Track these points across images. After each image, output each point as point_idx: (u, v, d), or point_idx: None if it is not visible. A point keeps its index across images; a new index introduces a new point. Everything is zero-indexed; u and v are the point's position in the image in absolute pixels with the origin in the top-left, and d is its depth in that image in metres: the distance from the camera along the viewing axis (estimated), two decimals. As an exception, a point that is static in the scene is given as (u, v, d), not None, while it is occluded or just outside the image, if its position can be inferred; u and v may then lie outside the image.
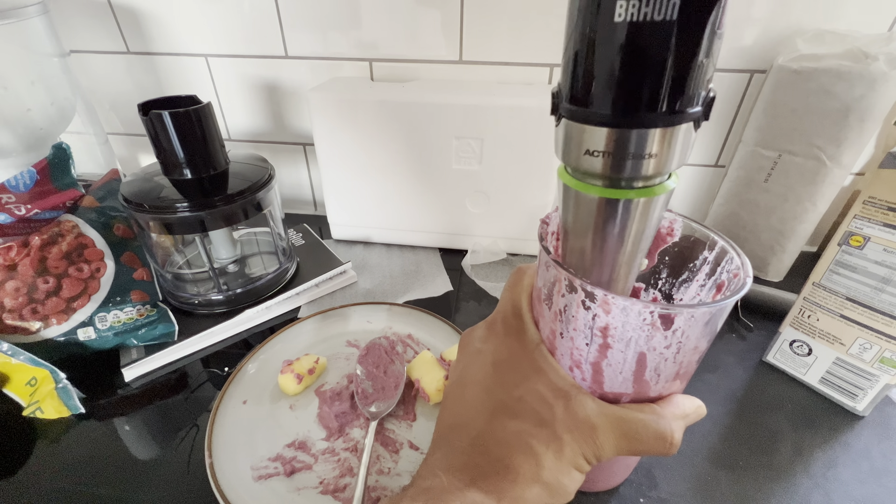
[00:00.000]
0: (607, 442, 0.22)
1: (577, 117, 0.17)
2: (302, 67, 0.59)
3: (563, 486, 0.22)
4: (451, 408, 0.26)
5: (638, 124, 0.16)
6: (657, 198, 0.19)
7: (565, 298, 0.22)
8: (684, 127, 0.17)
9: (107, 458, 0.34)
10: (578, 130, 0.17)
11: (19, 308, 0.39)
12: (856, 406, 0.37)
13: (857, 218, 0.33)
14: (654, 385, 0.23)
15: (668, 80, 0.15)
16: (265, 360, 0.41)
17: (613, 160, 0.17)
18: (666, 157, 0.17)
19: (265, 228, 0.55)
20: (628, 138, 0.16)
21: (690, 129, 0.17)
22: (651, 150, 0.17)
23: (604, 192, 0.18)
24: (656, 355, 0.21)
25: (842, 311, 0.36)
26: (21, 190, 0.41)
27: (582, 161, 0.18)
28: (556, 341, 0.23)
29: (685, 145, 0.17)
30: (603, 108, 0.16)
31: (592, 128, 0.17)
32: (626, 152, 0.17)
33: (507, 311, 0.26)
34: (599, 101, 0.16)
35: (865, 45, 0.41)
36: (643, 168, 0.17)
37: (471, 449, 0.23)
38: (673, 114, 0.16)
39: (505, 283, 0.52)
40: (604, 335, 0.21)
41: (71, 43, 0.60)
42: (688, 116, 0.16)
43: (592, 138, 0.17)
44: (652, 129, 0.16)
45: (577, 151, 0.18)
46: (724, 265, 0.25)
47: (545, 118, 0.48)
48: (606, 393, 0.23)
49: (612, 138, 0.17)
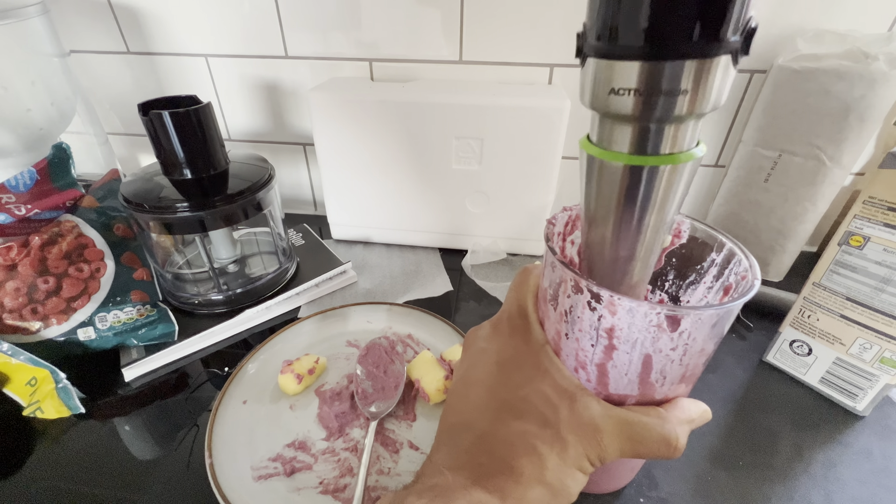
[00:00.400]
0: (611, 444, 0.22)
1: (604, 53, 0.16)
2: (302, 67, 0.59)
3: (566, 487, 0.22)
4: (456, 406, 0.26)
5: (670, 55, 0.15)
6: (683, 165, 0.18)
7: (571, 299, 0.22)
8: (722, 60, 0.15)
9: (107, 458, 0.34)
10: (606, 68, 0.16)
11: (19, 308, 0.39)
12: (856, 406, 0.37)
13: (857, 218, 0.33)
14: (660, 387, 0.22)
15: (705, 7, 0.14)
16: (265, 360, 0.41)
17: (645, 98, 0.16)
18: (701, 95, 0.16)
19: (265, 228, 0.55)
20: (660, 71, 0.15)
21: (728, 63, 0.15)
22: (685, 86, 0.15)
23: (629, 158, 0.17)
24: (662, 357, 0.21)
25: (842, 311, 0.36)
26: (21, 190, 0.41)
27: (610, 103, 0.17)
28: (562, 342, 0.23)
29: (722, 83, 0.16)
30: (631, 39, 0.15)
31: (621, 63, 0.16)
32: (657, 88, 0.15)
33: (513, 311, 0.26)
34: (627, 31, 0.15)
35: (865, 45, 0.41)
36: (676, 107, 0.16)
37: (475, 448, 0.23)
38: (709, 43, 0.14)
39: (505, 282, 0.52)
40: (609, 336, 0.21)
41: (71, 43, 0.60)
42: (725, 47, 0.15)
43: (621, 75, 0.16)
44: (686, 60, 0.15)
45: (605, 92, 0.17)
46: (732, 267, 0.24)
47: (545, 118, 0.48)
48: (611, 394, 0.23)
49: (642, 72, 0.15)
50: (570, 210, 0.27)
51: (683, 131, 0.17)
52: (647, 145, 0.17)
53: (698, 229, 0.26)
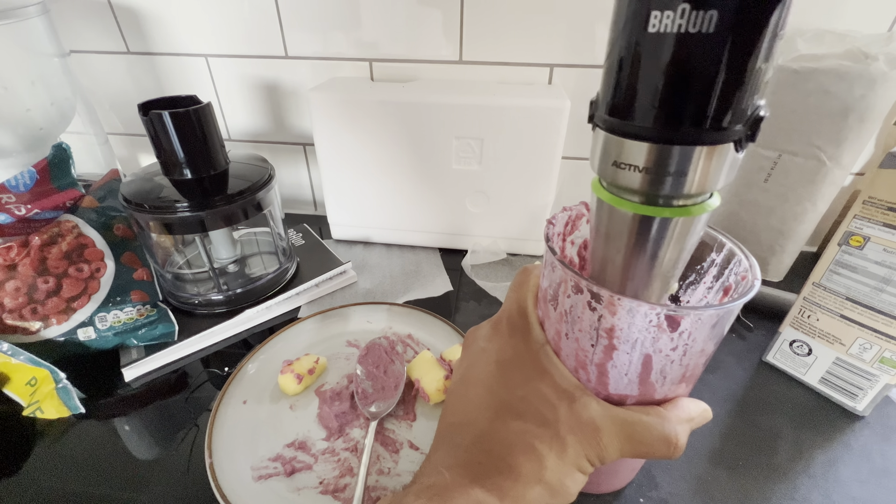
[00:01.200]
0: (611, 444, 0.22)
1: (615, 130, 0.16)
2: (302, 67, 0.59)
3: (565, 486, 0.22)
4: (455, 406, 0.26)
5: (681, 140, 0.15)
6: (697, 218, 0.17)
7: (571, 299, 0.22)
8: (728, 147, 0.15)
9: (107, 458, 0.34)
10: (616, 143, 0.16)
11: (19, 308, 0.39)
12: (856, 406, 0.37)
13: (857, 218, 0.33)
14: (660, 387, 0.22)
15: (713, 96, 0.14)
16: (265, 360, 0.41)
17: (652, 177, 0.16)
18: (709, 177, 0.16)
19: (265, 228, 0.55)
20: (669, 154, 0.15)
21: (733, 150, 0.16)
22: (693, 169, 0.16)
23: (640, 208, 0.17)
24: (662, 357, 0.21)
25: (842, 311, 0.36)
26: (21, 190, 0.41)
27: (618, 176, 0.17)
28: (562, 342, 0.23)
29: (731, 166, 0.16)
30: (642, 121, 0.15)
31: (630, 141, 0.16)
32: (666, 169, 0.16)
33: (513, 311, 0.26)
34: (638, 114, 0.15)
35: (865, 45, 0.41)
36: (684, 187, 0.16)
37: (474, 447, 0.23)
38: (717, 132, 0.15)
39: (505, 282, 0.52)
40: (609, 336, 0.21)
41: (71, 43, 0.60)
42: (732, 136, 0.15)
43: (630, 152, 0.16)
44: (696, 146, 0.15)
45: (613, 165, 0.17)
46: (732, 267, 0.24)
47: (545, 118, 0.48)
48: (611, 394, 0.23)
49: (651, 154, 0.16)
50: (569, 210, 0.27)
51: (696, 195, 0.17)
52: (659, 201, 0.17)
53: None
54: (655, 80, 0.15)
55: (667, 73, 0.14)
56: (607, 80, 0.16)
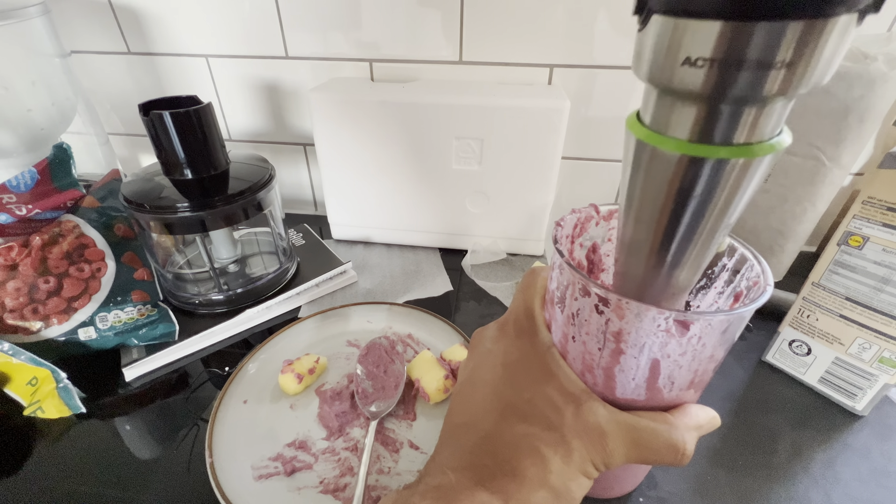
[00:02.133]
0: (617, 449, 0.22)
1: (676, 8, 0.12)
2: (302, 68, 0.59)
3: (570, 491, 0.21)
4: (460, 407, 0.26)
5: (768, 14, 0.11)
6: (760, 160, 0.14)
7: (578, 302, 0.21)
8: (841, 20, 0.11)
9: (107, 458, 0.34)
10: (677, 28, 0.12)
11: (20, 308, 0.39)
12: (855, 406, 0.37)
13: (856, 218, 0.33)
14: (668, 393, 0.22)
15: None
16: (265, 360, 0.41)
17: (723, 70, 0.12)
18: (804, 69, 0.11)
19: (265, 228, 0.55)
20: (751, 35, 0.11)
21: (851, 23, 0.11)
22: (783, 56, 0.11)
23: (689, 147, 0.14)
24: (670, 362, 0.21)
25: (841, 310, 0.36)
26: (22, 190, 0.41)
27: (676, 75, 0.13)
28: (568, 345, 0.23)
29: (836, 52, 0.12)
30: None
31: (699, 22, 0.12)
32: (744, 57, 0.11)
33: (520, 313, 0.26)
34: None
35: (865, 45, 0.41)
36: (765, 85, 0.12)
37: (479, 449, 0.23)
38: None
39: (505, 282, 0.52)
40: (617, 340, 0.21)
41: (72, 43, 0.60)
42: (846, 4, 0.11)
43: (697, 38, 0.12)
44: (790, 21, 0.11)
45: (672, 60, 0.13)
46: (744, 273, 0.24)
47: (545, 118, 0.48)
48: (618, 399, 0.23)
49: (725, 36, 0.11)
50: (578, 212, 0.27)
51: (768, 115, 0.13)
52: (716, 132, 0.13)
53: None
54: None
55: None
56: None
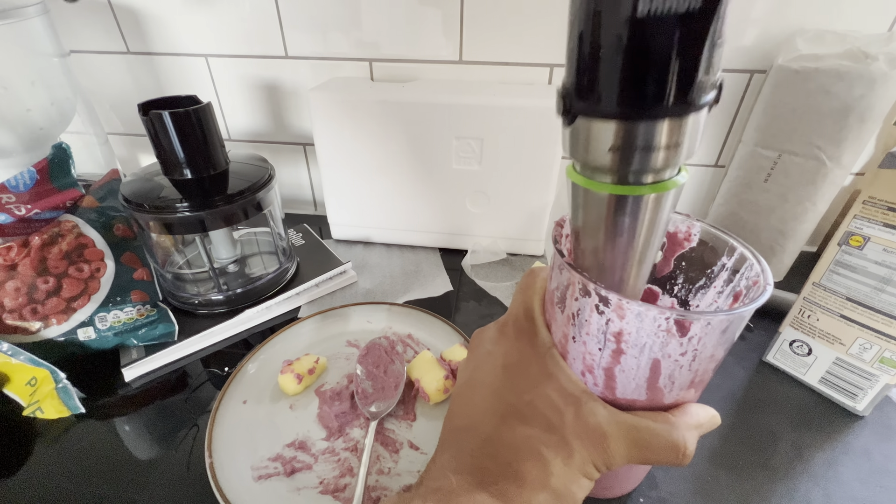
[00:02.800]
0: (618, 450, 0.21)
1: (586, 112, 0.17)
2: (302, 67, 0.59)
3: (571, 493, 0.21)
4: (461, 409, 0.25)
5: (648, 116, 0.16)
6: (668, 193, 0.18)
7: (579, 302, 0.21)
8: (692, 116, 0.16)
9: (107, 458, 0.34)
10: (586, 126, 0.17)
11: (19, 308, 0.39)
12: (856, 406, 0.37)
13: (856, 218, 0.33)
14: (668, 393, 0.22)
15: (678, 72, 0.15)
16: (265, 360, 0.41)
17: (624, 154, 0.17)
18: (675, 149, 0.17)
19: (265, 228, 0.55)
20: (637, 131, 0.16)
21: (699, 119, 0.16)
22: (660, 142, 0.16)
23: (613, 188, 0.18)
24: (671, 362, 0.21)
25: (842, 311, 0.36)
26: (21, 190, 0.41)
27: (591, 157, 0.18)
28: (569, 345, 0.23)
29: (695, 134, 0.17)
30: (611, 102, 0.16)
31: (601, 123, 0.17)
32: (635, 145, 0.16)
33: (519, 314, 0.26)
34: (608, 95, 0.16)
35: (865, 45, 0.41)
36: (653, 161, 0.17)
37: (480, 452, 0.23)
38: (683, 104, 0.16)
39: (505, 282, 0.52)
40: (617, 340, 0.21)
41: (71, 43, 0.60)
42: (698, 105, 0.16)
43: (602, 133, 0.17)
44: (661, 120, 0.16)
45: (586, 147, 0.18)
46: (744, 272, 0.24)
47: (545, 118, 0.48)
48: (619, 399, 0.23)
49: (621, 132, 0.16)
50: None
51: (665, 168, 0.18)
52: (630, 178, 0.18)
53: (709, 233, 0.26)
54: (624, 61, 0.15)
55: (656, 54, 0.15)
56: (574, 66, 0.16)
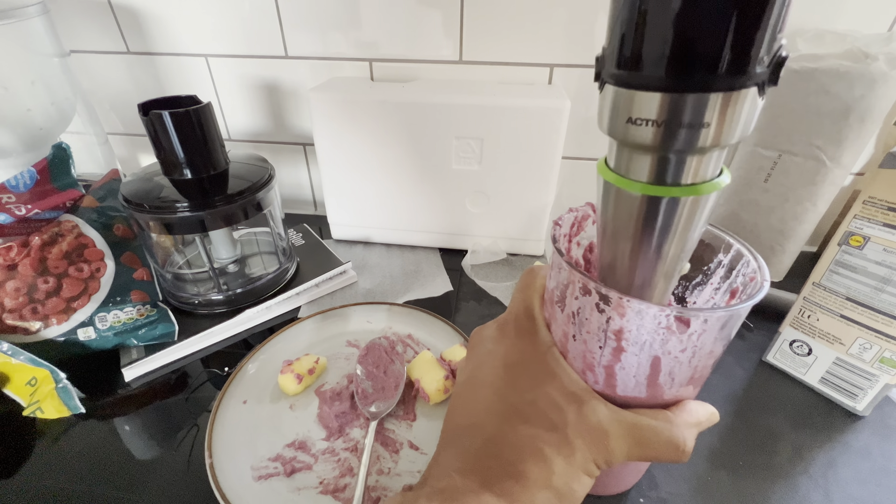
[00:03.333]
0: (619, 448, 0.22)
1: (624, 81, 0.15)
2: (302, 67, 0.59)
3: (572, 491, 0.22)
4: (462, 407, 0.25)
5: (694, 87, 0.14)
6: (706, 197, 0.17)
7: (579, 301, 0.21)
8: (749, 92, 0.14)
9: (107, 458, 0.34)
10: (627, 97, 0.16)
11: (19, 308, 0.39)
12: (856, 406, 0.37)
13: (857, 218, 0.33)
14: (668, 389, 0.22)
15: (732, 38, 0.13)
16: (265, 360, 0.41)
17: (665, 130, 0.15)
18: (726, 128, 0.15)
19: (265, 228, 0.55)
20: (683, 104, 0.15)
21: (755, 96, 0.15)
22: (708, 119, 0.15)
23: (647, 188, 0.17)
24: (671, 359, 0.21)
25: (842, 311, 0.36)
26: (21, 190, 0.41)
27: (629, 132, 0.16)
28: (569, 344, 0.23)
29: (749, 115, 0.15)
30: (653, 69, 0.14)
31: (643, 93, 0.15)
32: (679, 120, 0.15)
33: (520, 312, 0.26)
34: (649, 61, 0.14)
35: (865, 45, 0.41)
36: (699, 139, 0.15)
37: (483, 451, 0.23)
38: (735, 76, 0.14)
39: (505, 282, 0.52)
40: (617, 338, 0.21)
41: (71, 43, 0.60)
42: (752, 79, 0.14)
43: (642, 105, 0.15)
44: (711, 93, 0.14)
45: (625, 121, 0.16)
46: (740, 268, 0.24)
47: (545, 118, 0.48)
48: (619, 396, 0.23)
49: (663, 104, 0.15)
50: (575, 211, 0.27)
51: (707, 161, 0.16)
52: (667, 175, 0.16)
53: (706, 230, 0.26)
54: (671, 21, 0.13)
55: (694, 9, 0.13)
56: (616, 28, 0.15)
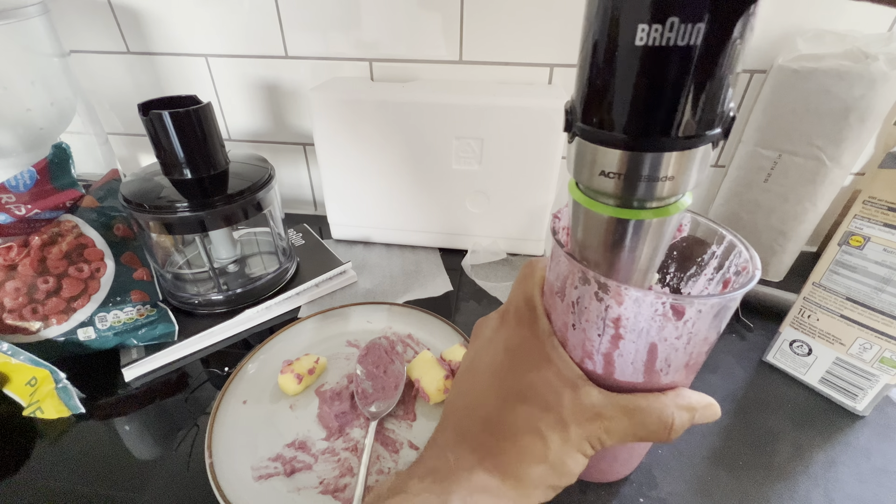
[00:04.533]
0: (612, 428, 0.22)
1: (591, 137, 0.17)
2: (302, 67, 0.59)
3: (567, 467, 0.22)
4: (462, 391, 0.26)
5: (654, 148, 0.16)
6: (670, 217, 0.18)
7: (578, 290, 0.22)
8: (702, 149, 0.16)
9: (107, 458, 0.34)
10: (592, 150, 0.17)
11: (19, 308, 0.39)
12: (856, 406, 0.37)
13: (857, 218, 0.33)
14: (664, 375, 0.23)
15: (687, 104, 0.14)
16: (265, 360, 0.41)
17: (627, 182, 0.17)
18: (682, 179, 0.16)
19: (265, 228, 0.55)
20: (643, 161, 0.16)
21: (708, 150, 0.16)
22: (667, 173, 0.16)
23: (615, 211, 0.18)
24: (667, 346, 0.21)
25: (842, 311, 0.36)
26: (21, 190, 0.41)
27: (594, 181, 0.17)
28: (568, 333, 0.24)
29: (702, 165, 0.17)
30: (618, 130, 0.16)
31: (606, 149, 0.16)
32: (640, 175, 0.16)
33: (520, 302, 0.27)
34: (614, 123, 0.16)
35: (865, 45, 0.41)
36: (658, 190, 0.17)
37: (479, 430, 0.24)
38: (690, 137, 0.15)
39: (505, 282, 0.52)
40: (616, 326, 0.21)
41: (71, 43, 0.60)
42: (706, 139, 0.15)
43: (606, 159, 0.17)
44: (668, 152, 0.16)
45: (590, 171, 0.17)
46: (732, 259, 0.25)
47: (545, 118, 0.48)
48: (618, 382, 0.23)
49: (625, 161, 0.16)
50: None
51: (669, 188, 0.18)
52: (633, 200, 0.18)
53: (699, 223, 0.27)
54: (639, 91, 0.15)
55: (652, 84, 0.14)
56: (583, 88, 0.16)
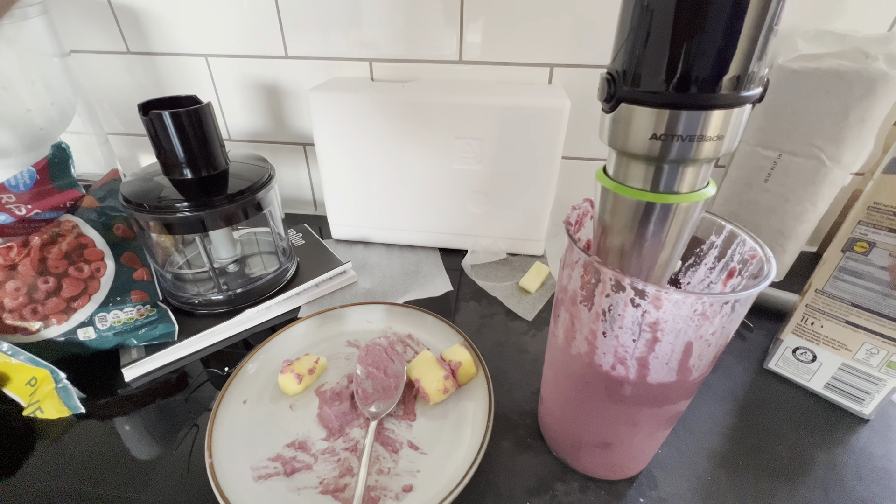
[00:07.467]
0: None
1: (644, 100, 0.17)
2: (302, 67, 0.59)
3: None
4: None
5: (707, 104, 0.16)
6: (696, 204, 0.19)
7: (610, 298, 0.22)
8: (747, 107, 0.17)
9: (107, 458, 0.34)
10: (641, 115, 0.17)
11: (19, 308, 0.39)
12: (862, 410, 0.37)
13: (861, 224, 0.33)
14: (695, 371, 0.23)
15: (741, 57, 0.15)
16: (265, 360, 0.41)
17: (665, 142, 0.17)
18: (729, 138, 0.17)
19: (265, 228, 0.55)
20: (695, 119, 0.17)
21: (748, 111, 0.17)
22: (716, 132, 0.17)
23: (643, 195, 0.19)
24: (702, 343, 0.22)
25: (847, 317, 0.35)
26: (21, 190, 0.41)
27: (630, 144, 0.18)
28: (598, 341, 0.24)
29: (737, 128, 0.17)
30: (673, 88, 0.16)
31: (658, 110, 0.17)
32: (692, 135, 0.17)
33: None
34: (669, 81, 0.16)
35: (865, 45, 0.41)
36: (696, 151, 0.17)
37: None
38: (740, 95, 0.16)
39: (505, 282, 0.52)
40: (653, 330, 0.21)
41: (71, 43, 0.60)
42: (750, 98, 0.16)
43: (657, 120, 0.17)
44: (720, 110, 0.16)
45: (638, 136, 0.18)
46: (736, 247, 0.25)
47: (545, 118, 0.48)
48: (650, 385, 0.24)
49: (677, 119, 0.17)
50: (577, 209, 0.28)
51: (696, 173, 0.19)
52: (661, 184, 0.18)
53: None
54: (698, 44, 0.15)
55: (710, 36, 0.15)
56: (631, 51, 0.17)
